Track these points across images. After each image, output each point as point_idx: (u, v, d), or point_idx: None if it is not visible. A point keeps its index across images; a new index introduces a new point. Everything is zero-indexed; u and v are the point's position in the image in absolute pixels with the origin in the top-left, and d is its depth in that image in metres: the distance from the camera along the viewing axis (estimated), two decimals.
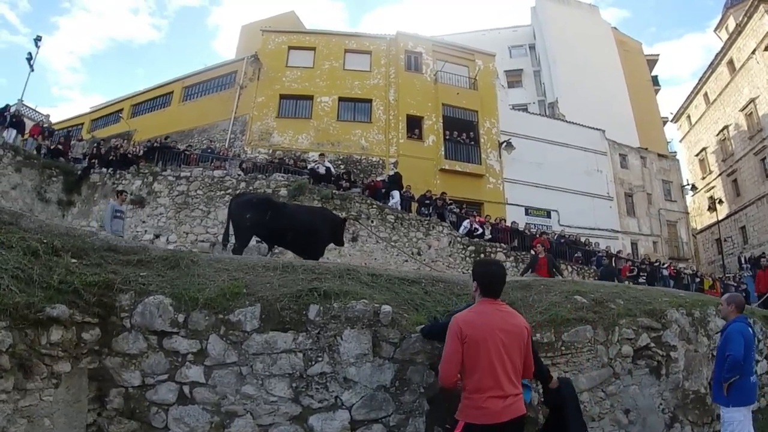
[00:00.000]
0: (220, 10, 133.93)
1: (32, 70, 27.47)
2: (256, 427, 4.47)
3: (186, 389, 4.48)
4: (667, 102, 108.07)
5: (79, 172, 19.87)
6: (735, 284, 22.87)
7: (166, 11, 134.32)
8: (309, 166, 20.67)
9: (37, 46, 27.64)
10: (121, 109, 32.98)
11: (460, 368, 3.59)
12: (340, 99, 26.93)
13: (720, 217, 35.08)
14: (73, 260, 4.95)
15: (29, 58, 27.07)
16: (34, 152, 20.35)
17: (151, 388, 4.48)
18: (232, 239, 9.31)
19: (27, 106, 33.29)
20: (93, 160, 20.51)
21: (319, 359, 4.67)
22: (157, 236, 17.74)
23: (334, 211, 13.46)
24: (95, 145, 22.82)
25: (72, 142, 23.28)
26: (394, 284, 5.82)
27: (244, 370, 4.56)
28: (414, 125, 26.71)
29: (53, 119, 33.92)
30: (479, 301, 3.79)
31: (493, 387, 3.49)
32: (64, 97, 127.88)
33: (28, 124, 24.19)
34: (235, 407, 4.46)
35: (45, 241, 4.97)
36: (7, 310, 3.71)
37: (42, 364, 3.93)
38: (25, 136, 22.49)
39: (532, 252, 15.00)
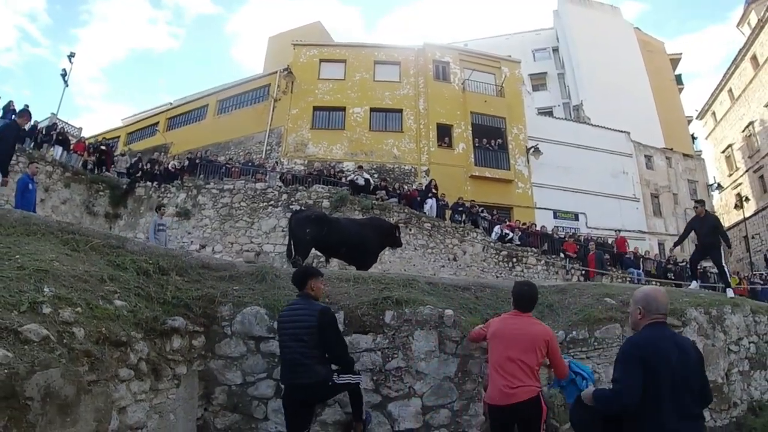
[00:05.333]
0: (237, 17, 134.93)
1: (66, 86, 28.39)
2: (343, 415, 5.26)
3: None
4: (690, 95, 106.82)
5: (125, 186, 20.54)
6: (762, 282, 22.91)
7: (182, 20, 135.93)
8: (348, 178, 21.27)
9: (71, 62, 28.48)
10: (157, 123, 33.86)
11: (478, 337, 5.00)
12: (372, 109, 27.56)
13: (747, 215, 34.95)
14: (178, 278, 5.70)
15: (64, 74, 27.93)
16: (81, 167, 21.08)
17: (251, 385, 5.26)
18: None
19: (60, 120, 34.05)
20: (137, 174, 21.25)
21: (395, 356, 5.50)
22: (203, 246, 18.31)
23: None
24: (136, 159, 23.56)
25: (115, 157, 24.10)
26: (450, 291, 6.66)
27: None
28: (444, 133, 27.26)
29: (85, 132, 34.47)
30: (510, 311, 4.72)
31: (502, 376, 4.32)
32: (88, 107, 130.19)
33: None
34: None
35: (151, 261, 5.68)
36: (140, 324, 4.37)
37: (168, 367, 4.62)
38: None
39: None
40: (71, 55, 28.83)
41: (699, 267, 24.30)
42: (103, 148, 23.18)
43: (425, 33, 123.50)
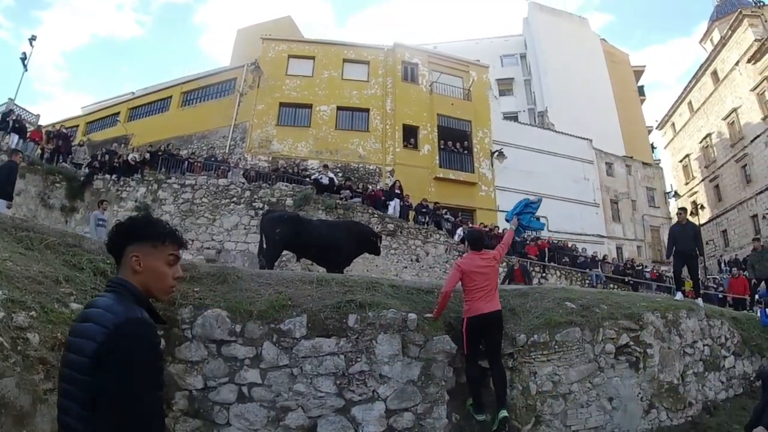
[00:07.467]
0: (205, 8, 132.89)
1: (26, 70, 27.24)
2: (306, 419, 5.23)
3: (245, 389, 5.21)
4: (652, 105, 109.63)
5: (83, 178, 19.72)
6: (714, 286, 23.67)
7: (150, 7, 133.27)
8: (313, 176, 21.06)
9: (32, 46, 27.33)
10: (118, 113, 32.79)
11: (455, 285, 6.08)
12: (339, 108, 27.33)
13: (702, 221, 35.98)
14: None
15: (23, 58, 26.82)
16: (37, 157, 20.28)
17: (213, 390, 5.16)
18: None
19: (18, 106, 32.66)
20: (94, 163, 20.54)
21: (359, 360, 5.51)
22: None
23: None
24: (98, 152, 22.84)
25: (73, 147, 23.16)
26: (413, 294, 6.68)
27: (295, 371, 5.34)
28: (410, 134, 27.24)
29: (42, 119, 33.25)
30: (469, 252, 6.38)
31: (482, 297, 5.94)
32: (46, 94, 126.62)
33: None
34: (288, 403, 5.22)
35: (109, 261, 5.48)
36: None
37: None
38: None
39: (511, 264, 16.71)
40: (32, 39, 27.59)
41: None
42: (64, 131, 22.41)
43: (395, 33, 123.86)
